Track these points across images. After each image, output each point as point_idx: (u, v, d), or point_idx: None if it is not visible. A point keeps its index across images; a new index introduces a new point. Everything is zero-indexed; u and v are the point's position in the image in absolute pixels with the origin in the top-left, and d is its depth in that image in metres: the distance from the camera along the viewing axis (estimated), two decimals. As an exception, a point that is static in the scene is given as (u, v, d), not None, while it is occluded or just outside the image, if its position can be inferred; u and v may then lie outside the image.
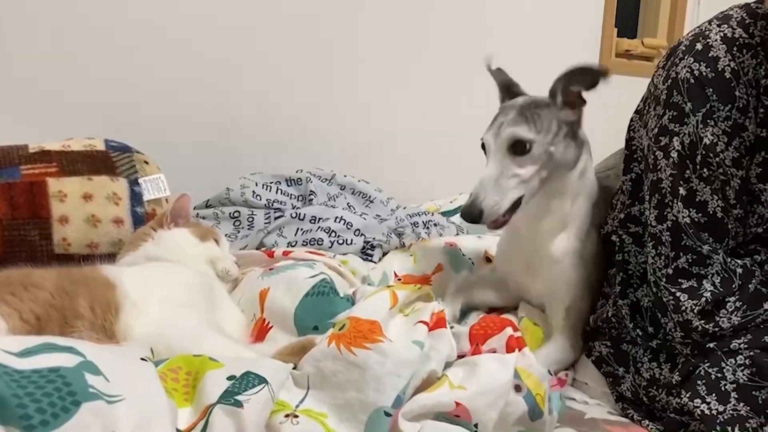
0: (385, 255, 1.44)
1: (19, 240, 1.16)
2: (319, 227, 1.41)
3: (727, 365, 0.92)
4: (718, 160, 0.96)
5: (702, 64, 0.96)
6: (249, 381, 0.73)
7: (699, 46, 0.98)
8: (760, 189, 0.99)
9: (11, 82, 1.53)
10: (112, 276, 0.93)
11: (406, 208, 1.70)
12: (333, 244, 1.38)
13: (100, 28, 1.62)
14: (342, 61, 1.99)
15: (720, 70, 0.95)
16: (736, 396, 0.89)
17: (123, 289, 0.91)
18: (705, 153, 0.96)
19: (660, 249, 1.00)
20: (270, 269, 1.14)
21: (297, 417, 0.74)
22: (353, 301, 1.03)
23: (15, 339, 0.69)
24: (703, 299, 0.95)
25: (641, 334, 1.05)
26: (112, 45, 1.64)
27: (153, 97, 1.70)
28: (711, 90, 0.95)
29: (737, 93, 0.95)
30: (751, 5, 1.00)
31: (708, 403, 0.90)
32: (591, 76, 1.04)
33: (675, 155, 0.98)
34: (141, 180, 1.31)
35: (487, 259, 1.37)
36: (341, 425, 0.76)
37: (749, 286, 0.97)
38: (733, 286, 0.96)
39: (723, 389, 0.91)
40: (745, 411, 0.88)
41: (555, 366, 1.10)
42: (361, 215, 1.52)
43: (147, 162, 1.35)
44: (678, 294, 0.97)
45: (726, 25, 0.98)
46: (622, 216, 1.11)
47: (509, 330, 0.93)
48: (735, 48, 0.96)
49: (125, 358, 0.73)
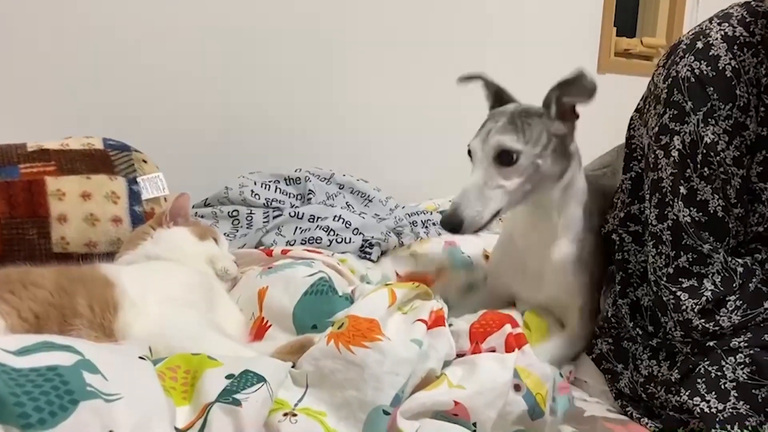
0: (384, 254, 1.44)
1: (18, 239, 1.16)
2: (318, 226, 1.41)
3: (727, 363, 0.92)
4: (718, 159, 0.95)
5: (703, 62, 0.96)
6: (247, 380, 0.73)
7: (700, 44, 0.98)
8: (760, 188, 0.99)
9: (9, 81, 1.53)
10: (110, 274, 0.93)
11: (404, 207, 1.69)
12: (332, 242, 1.38)
13: (99, 27, 1.62)
14: (342, 61, 1.99)
15: (721, 68, 0.95)
16: (735, 394, 0.89)
17: (122, 288, 0.90)
18: (706, 152, 0.95)
19: (660, 248, 1.00)
20: (269, 268, 1.13)
21: (296, 416, 0.74)
22: (352, 300, 1.03)
23: (13, 337, 0.69)
24: (704, 298, 0.95)
25: (641, 333, 1.05)
26: (111, 44, 1.63)
27: (152, 96, 1.70)
28: (712, 89, 0.95)
29: (738, 92, 0.95)
30: (752, 3, 1.00)
31: (707, 402, 0.90)
32: (586, 90, 1.01)
33: (676, 154, 0.97)
34: (140, 179, 1.30)
35: (486, 257, 1.37)
36: (340, 424, 0.76)
37: (750, 284, 0.97)
38: (734, 285, 0.96)
39: (723, 387, 0.90)
40: (745, 409, 0.88)
41: (562, 359, 1.10)
42: (360, 214, 1.52)
43: (145, 161, 1.34)
44: (678, 293, 0.97)
45: (726, 24, 0.98)
46: (621, 215, 1.10)
47: (508, 327, 0.92)
48: (736, 46, 0.96)
49: (124, 356, 0.73)
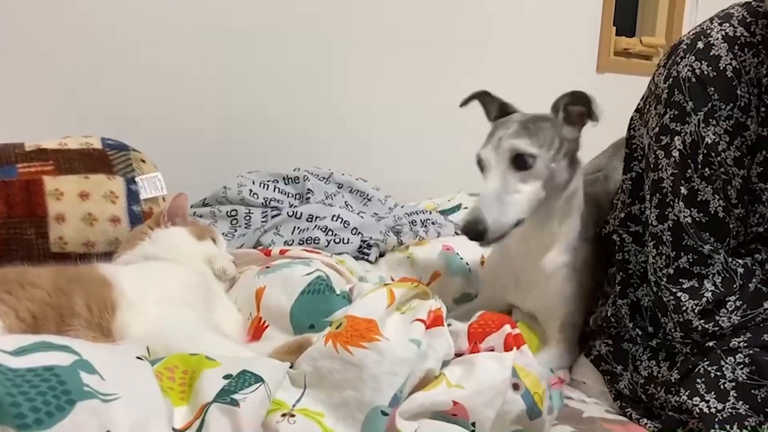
0: (383, 255, 1.44)
1: (16, 239, 1.16)
2: (316, 226, 1.40)
3: (727, 364, 0.92)
4: (719, 159, 0.95)
5: (703, 63, 0.96)
6: (245, 380, 0.72)
7: (700, 44, 0.97)
8: (761, 188, 0.98)
9: (9, 81, 1.53)
10: (108, 274, 0.93)
11: (404, 206, 1.69)
12: (330, 242, 1.37)
13: (99, 27, 1.62)
14: (342, 61, 1.99)
15: (721, 69, 0.95)
16: (735, 394, 0.89)
17: (120, 288, 0.90)
18: (706, 152, 0.95)
19: (661, 249, 0.99)
20: (266, 268, 1.13)
21: (294, 416, 0.74)
22: (349, 298, 1.03)
23: (10, 337, 0.68)
24: (704, 299, 0.95)
25: (641, 333, 1.05)
26: (111, 44, 1.63)
27: (152, 96, 1.70)
28: (712, 89, 0.95)
29: (739, 92, 0.95)
30: (752, 4, 0.99)
31: (707, 402, 0.90)
32: (593, 113, 1.01)
33: (676, 154, 0.97)
34: (138, 178, 1.30)
35: (483, 263, 1.36)
36: (338, 424, 0.75)
37: (749, 285, 0.96)
38: (734, 285, 0.96)
39: (722, 387, 0.90)
40: (744, 409, 0.88)
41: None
42: (359, 214, 1.51)
43: (144, 160, 1.34)
44: (679, 294, 0.97)
45: (727, 24, 0.97)
46: (622, 215, 1.10)
47: (507, 327, 0.92)
48: (736, 47, 0.95)
49: (121, 356, 0.72)
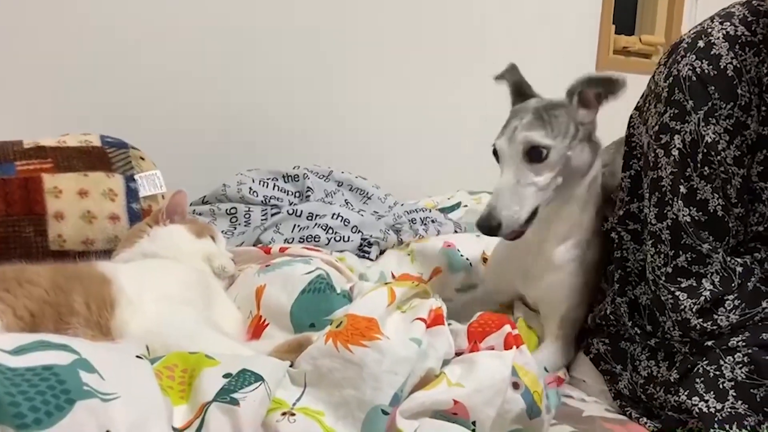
0: (383, 253, 1.44)
1: (14, 236, 1.15)
2: (316, 224, 1.40)
3: (726, 363, 0.92)
4: (719, 158, 0.95)
5: (704, 61, 0.96)
6: (245, 379, 0.72)
7: (701, 43, 0.97)
8: (761, 187, 0.98)
9: (9, 81, 1.53)
10: (107, 272, 0.93)
11: (403, 204, 1.69)
12: (330, 241, 1.37)
13: (99, 27, 1.62)
14: (342, 61, 1.99)
15: (722, 67, 0.95)
16: (734, 394, 0.89)
17: (119, 285, 0.90)
18: (706, 151, 0.95)
19: (659, 247, 0.99)
20: (266, 266, 1.13)
21: (294, 415, 0.74)
22: (350, 297, 1.02)
23: (9, 336, 0.68)
24: (702, 298, 0.95)
25: (639, 332, 1.05)
26: (111, 44, 1.63)
27: (152, 96, 1.69)
28: (713, 88, 0.95)
29: (739, 91, 0.94)
30: (753, 2, 0.99)
31: (706, 401, 0.90)
32: (613, 85, 1.01)
33: (676, 153, 0.97)
34: (137, 176, 1.30)
35: (485, 260, 1.36)
36: (338, 423, 0.75)
37: (748, 284, 0.96)
38: (733, 285, 0.96)
39: (721, 387, 0.90)
40: (743, 409, 0.88)
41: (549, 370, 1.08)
42: (359, 212, 1.51)
43: (143, 158, 1.34)
44: (677, 293, 0.97)
45: (728, 23, 0.97)
46: (620, 213, 1.10)
47: (507, 328, 0.92)
48: (737, 46, 0.95)
49: (120, 355, 0.72)
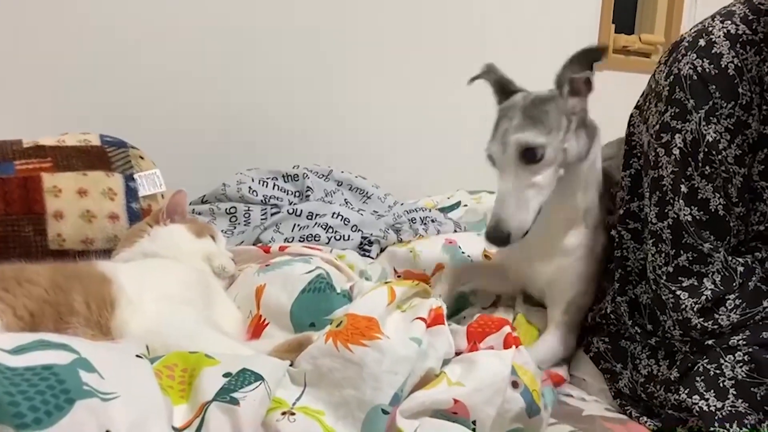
0: (383, 250, 1.44)
1: (14, 236, 1.15)
2: (316, 223, 1.40)
3: (726, 362, 0.92)
4: (720, 157, 0.95)
5: (705, 60, 0.96)
6: (245, 378, 0.72)
7: (702, 42, 0.97)
8: (762, 186, 0.98)
9: (9, 81, 1.53)
10: (107, 271, 0.93)
11: (403, 204, 1.69)
12: (330, 240, 1.37)
13: (99, 27, 1.62)
14: (342, 61, 1.99)
15: (723, 66, 0.95)
16: (734, 392, 0.89)
17: (119, 285, 0.90)
18: (707, 150, 0.95)
19: (660, 246, 0.99)
20: (266, 265, 1.13)
21: (294, 414, 0.74)
22: (350, 297, 1.02)
23: (8, 336, 0.68)
24: (703, 297, 0.95)
25: (640, 331, 1.05)
26: (111, 44, 1.63)
27: (152, 96, 1.69)
28: (714, 87, 0.95)
29: (740, 90, 0.94)
30: (754, 1, 0.99)
31: (706, 400, 0.90)
32: (593, 53, 1.00)
33: (677, 152, 0.97)
34: (136, 175, 1.30)
35: (486, 257, 1.36)
36: (338, 423, 0.75)
37: (749, 283, 0.96)
38: (734, 284, 0.96)
39: (721, 386, 0.90)
40: (744, 407, 0.88)
41: (545, 364, 1.08)
42: (359, 211, 1.51)
43: (142, 157, 1.34)
44: (678, 292, 0.97)
45: (729, 22, 0.97)
46: (621, 212, 1.10)
47: (507, 328, 0.92)
48: (738, 45, 0.95)
49: (120, 355, 0.72)
